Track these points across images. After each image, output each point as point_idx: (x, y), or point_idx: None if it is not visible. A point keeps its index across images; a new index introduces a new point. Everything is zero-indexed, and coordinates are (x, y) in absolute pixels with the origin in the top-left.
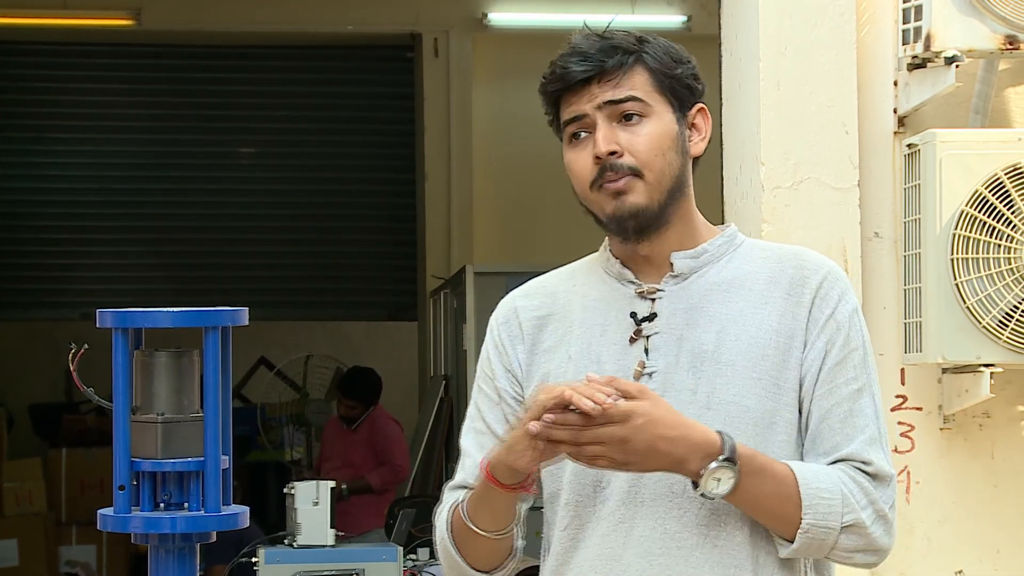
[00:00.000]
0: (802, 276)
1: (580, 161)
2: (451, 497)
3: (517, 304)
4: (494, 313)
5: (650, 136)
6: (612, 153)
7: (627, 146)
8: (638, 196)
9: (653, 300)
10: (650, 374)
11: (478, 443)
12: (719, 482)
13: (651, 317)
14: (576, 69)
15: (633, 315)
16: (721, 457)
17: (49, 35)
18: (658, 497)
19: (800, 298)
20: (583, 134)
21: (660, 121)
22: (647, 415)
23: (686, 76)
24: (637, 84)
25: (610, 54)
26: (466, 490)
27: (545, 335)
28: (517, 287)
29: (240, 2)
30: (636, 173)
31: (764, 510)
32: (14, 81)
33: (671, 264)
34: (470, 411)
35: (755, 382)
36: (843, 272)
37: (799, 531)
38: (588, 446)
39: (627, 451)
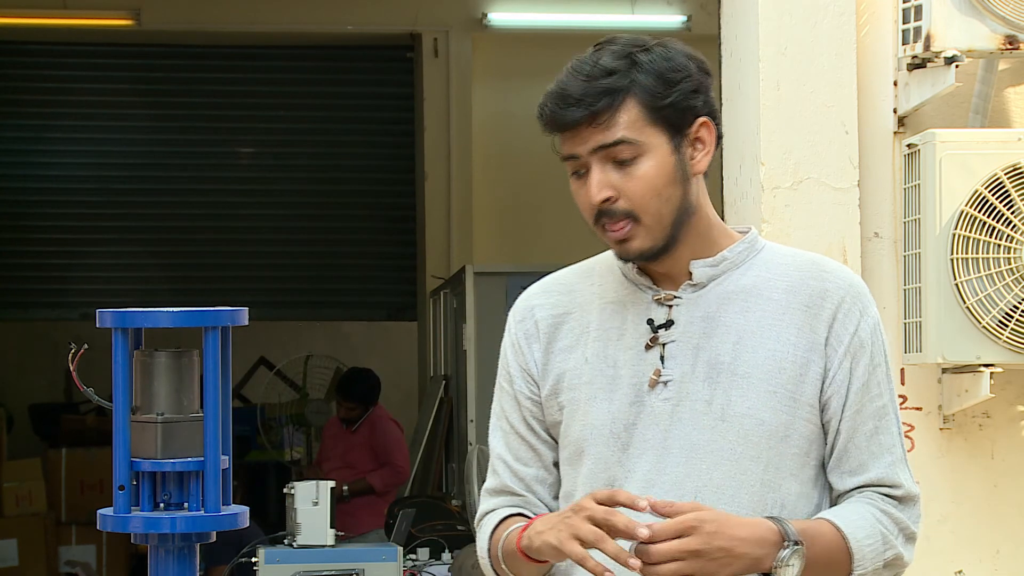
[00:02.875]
0: (823, 289)
1: (581, 197)
2: (490, 505)
3: (534, 302)
4: (512, 310)
5: (644, 179)
6: (605, 200)
7: (621, 189)
8: (640, 241)
9: (670, 307)
10: (665, 383)
11: (506, 444)
12: (792, 567)
13: (668, 324)
14: (566, 115)
15: (650, 322)
16: (792, 543)
17: (49, 35)
18: None
19: (820, 312)
20: (581, 171)
21: (654, 158)
22: (715, 520)
23: (680, 99)
24: (627, 122)
25: (598, 97)
26: (508, 497)
27: (561, 334)
28: (532, 284)
29: (240, 2)
30: (631, 217)
31: (817, 574)
32: (14, 81)
33: (690, 273)
34: (495, 408)
35: (771, 395)
36: (864, 285)
37: None
38: (664, 565)
39: (705, 559)
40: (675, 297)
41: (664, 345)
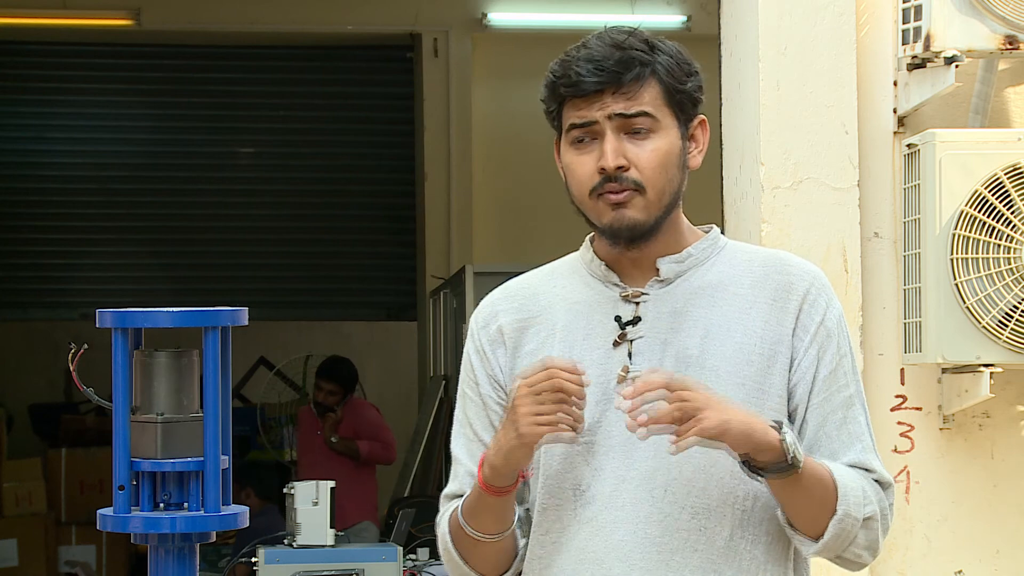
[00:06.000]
0: (788, 283)
1: (583, 166)
2: (448, 507)
3: (498, 308)
4: (474, 315)
5: (657, 153)
6: (619, 167)
7: (634, 160)
8: (637, 212)
9: (637, 304)
10: (633, 378)
11: (468, 450)
12: (796, 445)
13: (635, 321)
14: (590, 80)
15: (617, 319)
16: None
17: (49, 35)
18: (638, 502)
19: (786, 304)
20: (587, 139)
21: (667, 137)
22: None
23: (693, 89)
24: (648, 98)
25: (627, 66)
26: (461, 498)
27: (527, 338)
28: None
29: (240, 2)
30: (638, 188)
31: (808, 497)
32: (14, 81)
33: (657, 269)
34: (458, 415)
35: (739, 387)
36: (826, 278)
37: (833, 519)
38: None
39: (696, 400)
40: (642, 294)
41: (632, 341)
